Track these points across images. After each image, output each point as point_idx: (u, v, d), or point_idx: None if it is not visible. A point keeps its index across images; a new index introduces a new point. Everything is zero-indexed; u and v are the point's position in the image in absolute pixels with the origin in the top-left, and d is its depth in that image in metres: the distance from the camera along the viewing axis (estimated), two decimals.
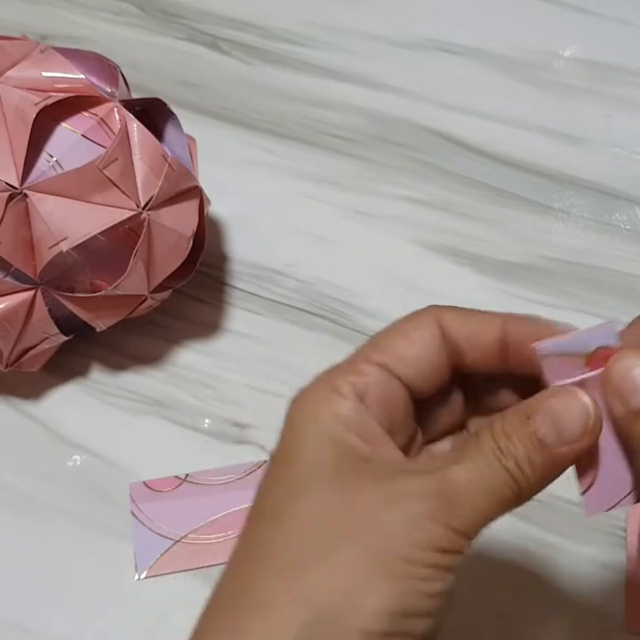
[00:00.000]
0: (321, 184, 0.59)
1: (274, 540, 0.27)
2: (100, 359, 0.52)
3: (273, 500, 0.28)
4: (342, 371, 0.29)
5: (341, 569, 0.26)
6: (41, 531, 0.47)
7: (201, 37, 0.66)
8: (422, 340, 0.29)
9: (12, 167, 0.44)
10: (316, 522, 0.26)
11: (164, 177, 0.46)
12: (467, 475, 0.27)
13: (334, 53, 0.64)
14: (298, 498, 0.27)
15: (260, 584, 0.26)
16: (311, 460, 0.27)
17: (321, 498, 0.27)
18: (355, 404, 0.28)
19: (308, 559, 0.26)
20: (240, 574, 0.27)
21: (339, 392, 0.28)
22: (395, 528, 0.26)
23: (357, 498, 0.27)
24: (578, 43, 0.64)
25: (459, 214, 0.57)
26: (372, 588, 0.25)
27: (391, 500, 0.26)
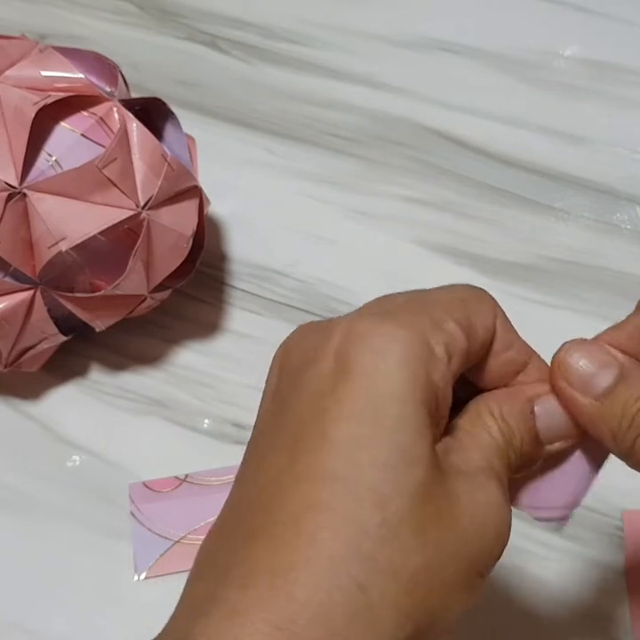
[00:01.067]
0: (321, 184, 0.59)
1: (286, 486, 0.24)
2: (100, 359, 0.52)
3: (280, 449, 0.25)
4: (432, 324, 0.25)
5: (441, 581, 0.24)
6: (40, 531, 0.47)
7: (201, 37, 0.66)
8: (490, 320, 0.27)
9: (11, 166, 0.44)
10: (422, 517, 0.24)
11: (163, 176, 0.46)
12: (499, 463, 0.26)
13: (334, 53, 0.64)
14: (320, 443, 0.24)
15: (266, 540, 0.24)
16: (400, 427, 0.24)
17: (415, 490, 0.24)
18: (448, 368, 0.25)
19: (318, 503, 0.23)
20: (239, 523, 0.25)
21: (433, 350, 0.25)
22: (487, 544, 0.25)
23: (450, 503, 0.24)
24: (578, 42, 0.64)
25: (459, 214, 0.57)
26: (456, 604, 0.25)
27: (481, 513, 0.25)
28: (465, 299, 0.27)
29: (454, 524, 0.24)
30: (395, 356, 0.24)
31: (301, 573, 0.23)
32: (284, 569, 0.23)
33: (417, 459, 0.24)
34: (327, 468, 0.24)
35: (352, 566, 0.23)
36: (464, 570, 0.24)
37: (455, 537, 0.24)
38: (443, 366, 0.25)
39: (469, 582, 0.24)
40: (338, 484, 0.23)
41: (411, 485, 0.23)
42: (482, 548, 0.25)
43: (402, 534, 0.23)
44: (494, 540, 0.25)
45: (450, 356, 0.25)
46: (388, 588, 0.23)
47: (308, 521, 0.23)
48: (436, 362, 0.25)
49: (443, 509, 0.24)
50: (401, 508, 0.23)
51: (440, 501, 0.24)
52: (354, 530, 0.23)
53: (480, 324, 0.27)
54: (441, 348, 0.25)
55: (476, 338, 0.27)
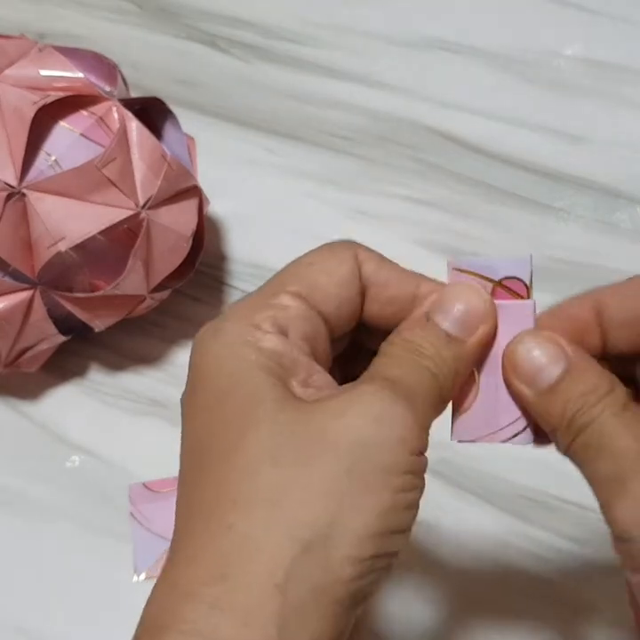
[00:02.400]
0: (321, 183, 0.58)
1: (230, 479, 0.25)
2: (99, 359, 0.52)
3: (215, 441, 0.26)
4: (261, 305, 0.28)
5: (318, 492, 0.24)
6: (39, 532, 0.47)
7: (200, 36, 0.66)
8: (342, 275, 0.28)
9: (10, 166, 0.44)
10: (275, 452, 0.24)
11: (162, 176, 0.46)
12: (403, 373, 0.26)
13: (334, 52, 0.64)
14: (246, 433, 0.25)
15: (236, 527, 0.24)
16: (250, 394, 0.26)
17: (271, 429, 0.25)
18: (279, 338, 0.27)
19: (278, 491, 0.24)
20: (203, 522, 0.25)
21: (259, 327, 0.27)
22: (364, 433, 0.24)
23: (311, 418, 0.25)
24: (579, 42, 0.64)
25: (459, 214, 0.57)
26: (354, 509, 0.24)
27: (348, 408, 0.25)
28: (312, 262, 0.29)
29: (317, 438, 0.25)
30: (221, 343, 0.27)
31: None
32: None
33: (259, 415, 0.25)
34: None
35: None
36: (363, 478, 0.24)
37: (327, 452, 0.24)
38: (272, 336, 0.27)
39: (379, 484, 0.24)
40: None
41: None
42: (365, 445, 0.24)
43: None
44: (376, 429, 0.25)
45: (281, 326, 0.27)
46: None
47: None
48: (263, 334, 0.27)
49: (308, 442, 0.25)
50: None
51: (303, 438, 0.25)
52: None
53: (330, 282, 0.28)
54: (267, 323, 0.27)
55: (326, 296, 0.28)
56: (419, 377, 0.26)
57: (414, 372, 0.26)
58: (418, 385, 0.26)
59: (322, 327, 0.28)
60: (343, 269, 0.28)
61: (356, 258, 0.29)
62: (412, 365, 0.26)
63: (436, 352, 0.27)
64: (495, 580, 0.45)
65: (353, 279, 0.28)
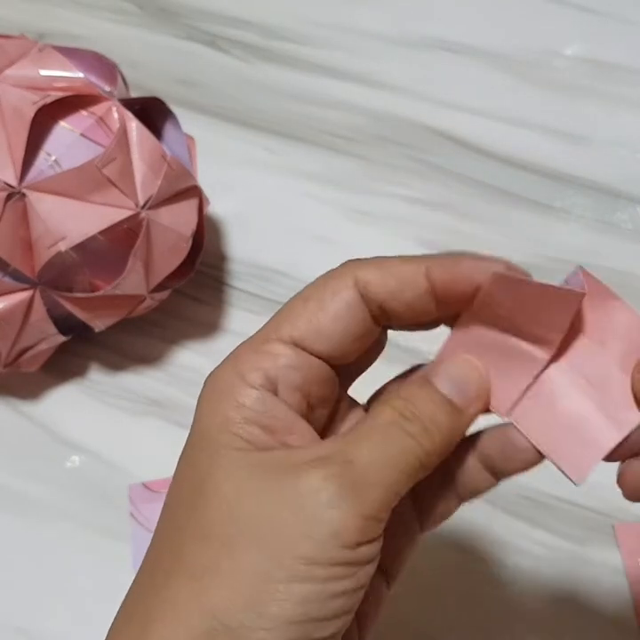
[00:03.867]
0: (321, 183, 0.59)
1: (183, 544, 0.26)
2: (99, 359, 0.52)
3: (172, 508, 0.27)
4: (252, 351, 0.27)
5: (242, 576, 0.24)
6: (39, 531, 0.47)
7: (200, 36, 0.66)
8: (339, 308, 0.27)
9: (10, 166, 0.44)
10: (219, 527, 0.25)
11: (162, 176, 0.46)
12: (368, 451, 0.25)
13: (334, 52, 0.64)
14: (200, 503, 0.25)
15: (167, 589, 0.25)
16: (214, 459, 0.26)
17: (212, 503, 0.25)
18: (260, 394, 0.26)
19: (210, 566, 0.24)
20: (149, 576, 0.27)
21: (245, 380, 0.27)
22: (294, 526, 0.24)
23: (257, 498, 0.25)
24: (579, 41, 0.64)
25: (459, 214, 0.57)
26: (273, 596, 0.23)
27: (291, 496, 0.24)
28: (307, 297, 0.28)
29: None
30: (206, 398, 0.28)
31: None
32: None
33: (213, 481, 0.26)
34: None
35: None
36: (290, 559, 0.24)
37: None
38: (253, 392, 0.26)
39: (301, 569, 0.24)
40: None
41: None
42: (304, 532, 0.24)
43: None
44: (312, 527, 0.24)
45: (270, 378, 0.27)
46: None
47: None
48: (245, 388, 0.26)
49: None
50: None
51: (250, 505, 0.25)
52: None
53: (325, 318, 0.27)
54: (253, 375, 0.27)
55: (323, 335, 0.27)
56: (396, 453, 0.25)
57: (393, 446, 0.25)
58: (390, 464, 0.25)
59: (318, 369, 0.27)
60: (340, 301, 0.27)
61: (355, 280, 0.28)
62: (393, 438, 0.26)
63: (432, 414, 0.26)
64: (495, 579, 0.45)
65: (351, 309, 0.27)
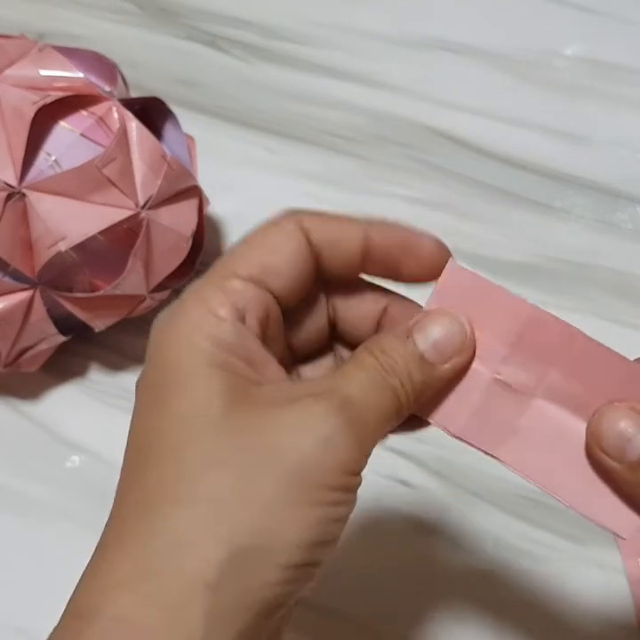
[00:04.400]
0: (321, 183, 0.58)
1: (170, 479, 0.25)
2: (99, 359, 0.52)
3: (161, 440, 0.26)
4: (215, 289, 0.27)
5: (256, 501, 0.25)
6: (39, 531, 0.47)
7: (200, 36, 0.66)
8: (289, 248, 0.28)
9: (10, 166, 0.44)
10: (222, 457, 0.25)
11: (162, 176, 0.46)
12: (361, 392, 0.26)
13: (334, 52, 0.64)
14: (191, 437, 0.25)
15: (171, 525, 0.25)
16: (200, 394, 0.26)
17: (217, 436, 0.25)
18: (235, 326, 0.27)
19: (217, 495, 0.25)
20: (138, 519, 0.26)
21: (216, 314, 0.27)
22: (308, 453, 0.25)
23: (259, 428, 0.25)
24: (579, 41, 0.64)
25: (459, 214, 0.57)
26: (288, 520, 0.25)
27: (297, 425, 0.25)
28: (259, 242, 0.29)
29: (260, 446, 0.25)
30: (177, 332, 0.27)
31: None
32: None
33: (207, 413, 0.26)
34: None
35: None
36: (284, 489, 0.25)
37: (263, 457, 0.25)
38: (228, 325, 0.26)
39: (301, 498, 0.25)
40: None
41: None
42: (299, 461, 0.25)
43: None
44: (314, 451, 0.25)
45: (238, 310, 0.27)
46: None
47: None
48: (220, 322, 0.26)
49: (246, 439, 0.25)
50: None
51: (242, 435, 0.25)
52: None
53: (279, 260, 0.28)
54: (224, 309, 0.27)
55: (277, 275, 0.28)
56: (379, 398, 0.27)
57: (377, 392, 0.27)
58: (375, 408, 0.27)
59: (275, 307, 0.28)
60: (290, 245, 0.28)
61: (302, 227, 0.29)
62: (376, 385, 0.27)
63: (407, 372, 0.27)
64: (495, 579, 0.45)
65: (301, 252, 0.28)
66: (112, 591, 0.24)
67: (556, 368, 0.28)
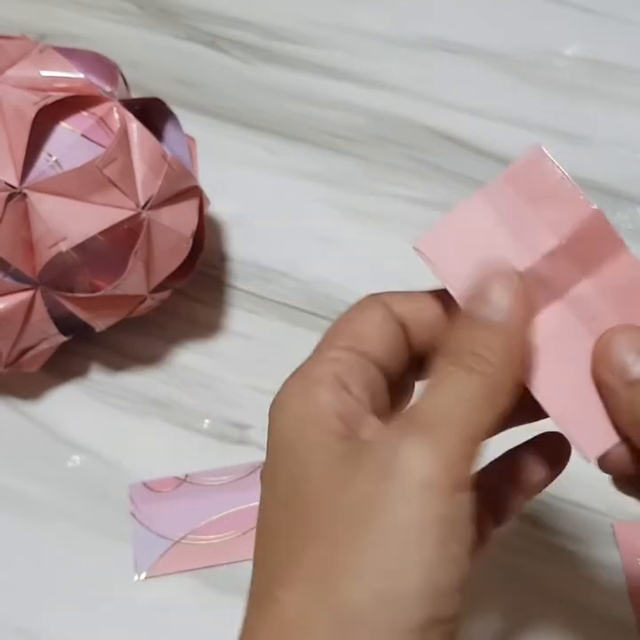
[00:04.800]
0: (321, 183, 0.59)
1: (293, 548, 0.25)
2: (100, 359, 0.52)
3: (278, 509, 0.27)
4: (317, 362, 0.28)
5: (369, 570, 0.24)
6: (40, 531, 0.47)
7: (201, 37, 0.66)
8: (377, 319, 0.29)
9: (11, 167, 0.44)
10: (329, 524, 0.25)
11: (163, 177, 0.46)
12: (432, 401, 0.26)
13: (334, 52, 0.64)
14: (300, 503, 0.26)
15: (289, 602, 0.25)
16: (301, 457, 0.26)
17: (323, 497, 0.25)
18: (337, 389, 0.27)
19: (326, 564, 0.24)
20: (261, 598, 0.26)
21: (319, 382, 0.27)
22: (396, 495, 0.24)
23: (359, 486, 0.25)
24: (579, 42, 0.64)
25: None
26: (405, 587, 0.24)
27: (380, 468, 0.25)
28: (350, 317, 0.30)
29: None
30: (279, 407, 0.28)
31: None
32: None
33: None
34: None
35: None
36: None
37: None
38: (325, 388, 0.27)
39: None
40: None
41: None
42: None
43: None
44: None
45: (341, 379, 0.27)
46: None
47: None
48: (318, 387, 0.27)
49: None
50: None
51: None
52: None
53: (372, 328, 0.29)
54: (328, 377, 0.27)
55: (373, 342, 0.29)
56: (457, 386, 0.26)
57: (451, 388, 0.26)
58: (451, 406, 0.25)
59: (377, 374, 0.29)
60: (379, 314, 0.29)
61: (383, 302, 0.30)
62: (450, 381, 0.26)
63: (478, 343, 0.26)
64: (494, 579, 0.45)
65: (391, 321, 0.29)
66: None
67: (591, 281, 0.28)
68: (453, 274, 0.29)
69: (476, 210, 0.30)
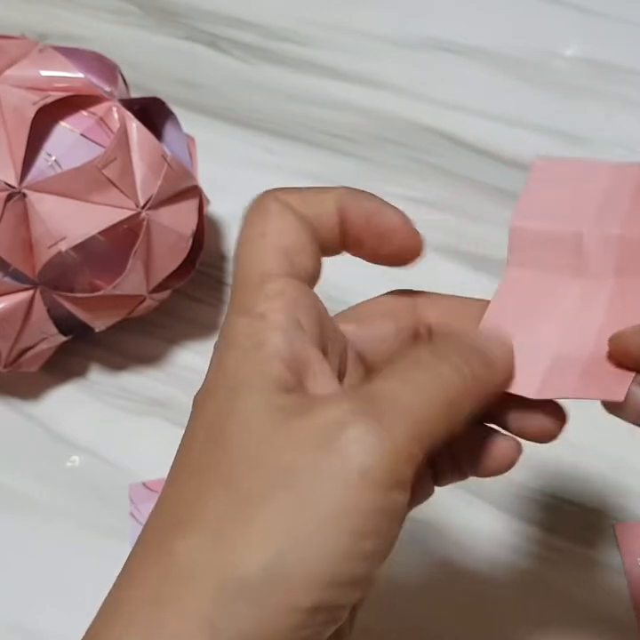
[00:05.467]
0: (321, 183, 0.58)
1: (184, 500, 0.24)
2: (99, 359, 0.52)
3: (196, 448, 0.24)
4: (262, 296, 0.25)
5: (264, 528, 0.22)
6: (39, 531, 0.47)
7: (201, 37, 0.66)
8: (291, 227, 0.27)
9: (10, 166, 0.44)
10: (242, 474, 0.23)
11: (163, 176, 0.46)
12: (398, 384, 0.24)
13: (334, 52, 0.64)
14: (220, 448, 0.24)
15: (177, 551, 0.23)
16: (234, 400, 0.24)
17: (242, 448, 0.23)
18: (288, 330, 0.25)
19: (224, 520, 0.23)
20: (153, 542, 0.24)
21: (270, 323, 0.25)
22: (321, 471, 0.22)
23: (281, 442, 0.23)
24: (579, 42, 0.64)
25: (460, 214, 0.57)
26: (300, 552, 0.22)
27: (315, 435, 0.23)
28: (263, 232, 0.27)
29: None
30: (233, 348, 0.25)
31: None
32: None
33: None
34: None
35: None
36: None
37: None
38: (277, 337, 0.25)
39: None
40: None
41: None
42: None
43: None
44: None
45: (292, 316, 0.25)
46: None
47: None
48: (269, 330, 0.25)
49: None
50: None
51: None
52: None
53: (292, 243, 0.27)
54: (279, 318, 0.25)
55: (304, 254, 0.27)
56: (426, 382, 0.24)
57: (422, 376, 0.24)
58: (415, 395, 0.24)
59: (315, 295, 0.27)
60: (290, 219, 0.28)
61: (287, 204, 0.28)
62: (424, 368, 0.25)
63: (468, 354, 0.25)
64: (494, 579, 0.45)
65: (303, 225, 0.28)
66: (118, 625, 0.24)
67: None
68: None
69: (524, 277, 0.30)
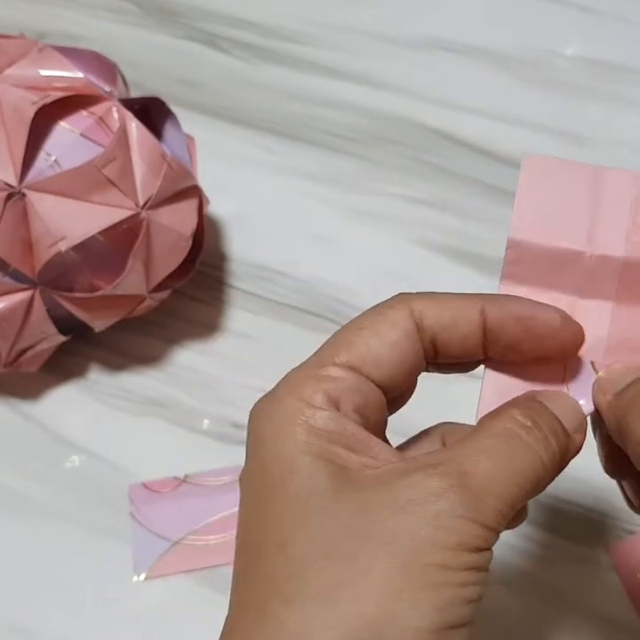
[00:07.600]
0: (321, 183, 0.58)
1: (281, 574, 0.24)
2: (99, 359, 0.52)
3: (268, 534, 0.25)
4: (310, 377, 0.27)
5: (371, 588, 0.23)
6: (39, 532, 0.47)
7: (200, 36, 0.66)
8: (396, 338, 0.27)
9: (10, 166, 0.44)
10: (326, 546, 0.24)
11: (162, 176, 0.46)
12: (489, 463, 0.25)
13: (334, 52, 0.64)
14: (297, 527, 0.25)
15: (287, 625, 0.24)
16: (304, 485, 0.25)
17: (323, 523, 0.25)
18: (331, 414, 0.26)
19: (329, 587, 0.24)
20: (255, 618, 0.25)
21: (311, 404, 0.26)
22: (420, 532, 0.24)
23: (366, 511, 0.24)
24: (579, 41, 0.64)
25: (459, 214, 0.57)
26: (409, 605, 0.23)
27: (407, 503, 0.24)
28: (361, 326, 0.28)
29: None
30: (274, 425, 0.26)
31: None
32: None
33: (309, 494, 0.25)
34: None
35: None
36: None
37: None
38: (322, 412, 0.26)
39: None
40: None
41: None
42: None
43: None
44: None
45: (332, 399, 0.26)
46: None
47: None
48: (314, 411, 0.26)
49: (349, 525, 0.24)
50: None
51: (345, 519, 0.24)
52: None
53: (381, 346, 0.27)
54: (317, 397, 0.26)
55: (378, 362, 0.27)
56: (515, 459, 0.25)
57: (512, 459, 0.25)
58: (503, 475, 0.25)
59: (375, 395, 0.27)
60: (396, 332, 0.27)
61: (411, 311, 0.27)
62: (512, 449, 0.26)
63: (553, 426, 0.26)
64: (494, 579, 0.45)
65: (408, 340, 0.27)
66: None
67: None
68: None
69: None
